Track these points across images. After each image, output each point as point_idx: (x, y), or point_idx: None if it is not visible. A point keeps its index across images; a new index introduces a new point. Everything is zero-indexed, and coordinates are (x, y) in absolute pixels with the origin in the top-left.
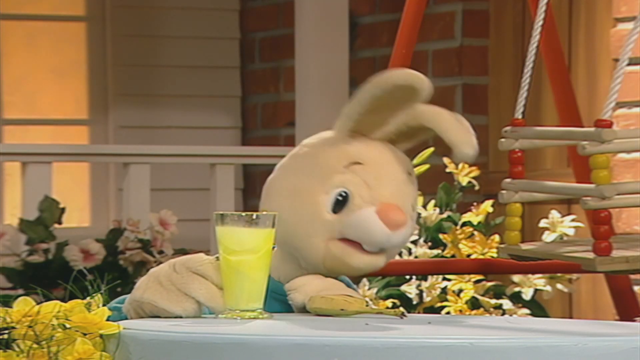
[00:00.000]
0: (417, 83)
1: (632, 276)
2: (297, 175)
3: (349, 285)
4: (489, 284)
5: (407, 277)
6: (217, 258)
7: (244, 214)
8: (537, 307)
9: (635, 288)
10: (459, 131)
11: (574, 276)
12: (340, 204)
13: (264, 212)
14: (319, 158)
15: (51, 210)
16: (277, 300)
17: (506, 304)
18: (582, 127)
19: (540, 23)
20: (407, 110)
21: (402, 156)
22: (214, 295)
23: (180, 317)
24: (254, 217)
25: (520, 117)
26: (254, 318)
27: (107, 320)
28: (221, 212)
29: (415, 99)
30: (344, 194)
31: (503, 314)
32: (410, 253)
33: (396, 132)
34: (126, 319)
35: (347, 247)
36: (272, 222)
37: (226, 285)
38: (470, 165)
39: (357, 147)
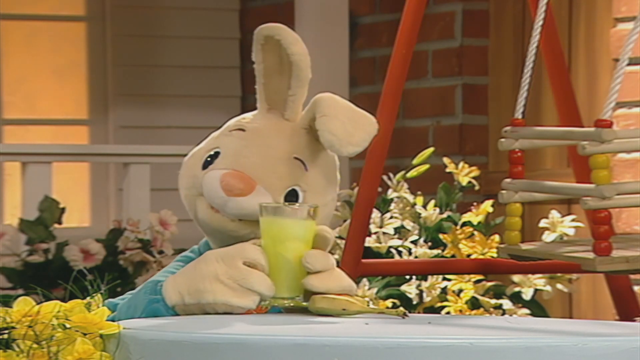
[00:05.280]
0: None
1: (632, 276)
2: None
3: None
4: (489, 284)
5: (407, 277)
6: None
7: (288, 205)
8: (537, 307)
9: (635, 288)
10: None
11: (574, 276)
12: (209, 162)
13: (305, 204)
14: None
15: (51, 210)
16: None
17: (506, 304)
18: (582, 127)
19: (540, 23)
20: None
21: (296, 140)
22: (271, 285)
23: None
24: (297, 207)
25: (520, 117)
26: (296, 305)
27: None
28: (266, 204)
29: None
30: (214, 154)
31: (503, 314)
32: (410, 253)
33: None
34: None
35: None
36: (312, 214)
37: (273, 274)
38: (470, 165)
39: (252, 116)
